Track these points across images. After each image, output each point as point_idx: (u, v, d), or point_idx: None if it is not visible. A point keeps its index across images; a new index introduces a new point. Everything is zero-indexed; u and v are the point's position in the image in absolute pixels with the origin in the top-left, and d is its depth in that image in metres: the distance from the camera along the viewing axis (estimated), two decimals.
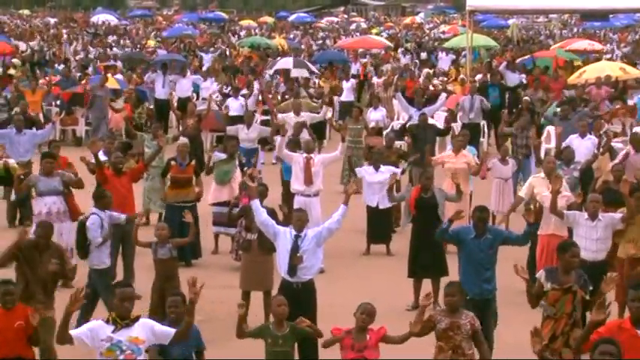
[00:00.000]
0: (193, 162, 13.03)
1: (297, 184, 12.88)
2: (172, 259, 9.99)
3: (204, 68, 27.64)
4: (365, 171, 13.68)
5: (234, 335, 7.79)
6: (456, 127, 19.61)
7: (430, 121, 17.22)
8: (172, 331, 6.72)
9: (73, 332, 6.63)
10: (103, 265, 10.24)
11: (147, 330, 6.62)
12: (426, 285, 11.05)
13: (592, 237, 9.76)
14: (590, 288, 8.28)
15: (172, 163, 12.99)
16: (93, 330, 6.58)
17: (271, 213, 9.70)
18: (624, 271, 10.38)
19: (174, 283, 9.70)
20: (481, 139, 19.95)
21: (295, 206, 11.75)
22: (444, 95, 20.03)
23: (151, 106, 21.72)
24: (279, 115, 17.70)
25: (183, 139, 13.31)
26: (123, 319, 6.55)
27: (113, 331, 6.51)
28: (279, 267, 9.14)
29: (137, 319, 6.61)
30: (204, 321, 7.78)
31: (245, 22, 57.36)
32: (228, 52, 36.39)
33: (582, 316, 8.19)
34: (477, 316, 7.80)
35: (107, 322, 6.60)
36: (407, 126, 17.09)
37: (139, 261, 11.66)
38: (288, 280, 9.00)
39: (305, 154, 12.97)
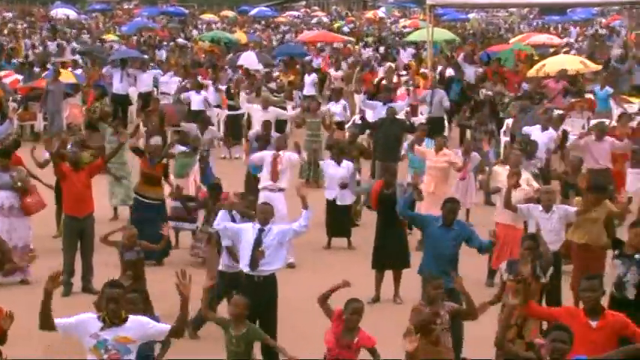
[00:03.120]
0: (164, 162, 12.97)
1: (264, 179, 12.94)
2: (139, 260, 9.94)
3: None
4: (327, 165, 13.71)
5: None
6: (418, 121, 19.72)
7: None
8: (167, 327, 6.61)
9: (58, 321, 6.49)
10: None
11: (139, 328, 6.51)
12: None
13: (546, 228, 9.87)
14: (549, 276, 8.42)
15: (145, 155, 12.86)
16: (81, 323, 6.47)
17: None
18: (575, 262, 10.55)
19: (141, 283, 9.66)
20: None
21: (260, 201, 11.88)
22: (407, 101, 20.11)
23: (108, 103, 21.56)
24: (246, 106, 17.74)
25: (155, 139, 13.22)
26: (111, 319, 6.46)
27: (101, 329, 6.42)
28: (240, 260, 9.14)
29: (126, 319, 6.49)
30: (167, 316, 7.76)
31: (206, 16, 57.08)
32: (189, 47, 36.23)
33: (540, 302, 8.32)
34: None
35: (99, 318, 6.49)
36: (372, 121, 17.05)
37: (100, 258, 11.60)
38: (249, 274, 9.01)
39: (274, 151, 13.00)
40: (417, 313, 7.48)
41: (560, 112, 18.09)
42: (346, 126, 19.15)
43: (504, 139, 19.21)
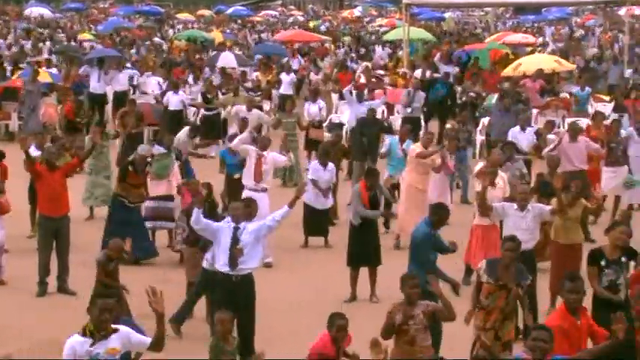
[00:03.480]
0: (148, 169, 12.89)
1: (247, 179, 12.91)
2: (116, 268, 9.81)
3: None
4: (313, 168, 13.66)
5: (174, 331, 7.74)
6: (395, 120, 19.78)
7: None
8: (148, 340, 6.62)
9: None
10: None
11: (123, 339, 6.53)
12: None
13: (521, 227, 9.90)
14: (528, 281, 8.45)
15: (130, 169, 12.69)
16: (73, 350, 6.46)
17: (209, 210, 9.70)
18: (553, 260, 10.61)
19: (116, 286, 9.61)
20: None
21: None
22: (382, 99, 20.12)
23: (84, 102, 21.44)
24: (234, 108, 17.65)
25: (145, 148, 13.11)
26: (99, 331, 6.44)
27: (92, 345, 6.42)
28: (217, 260, 9.11)
29: (115, 330, 6.50)
30: (145, 316, 7.74)
31: (182, 16, 56.90)
32: (165, 47, 36.10)
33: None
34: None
35: (84, 334, 6.48)
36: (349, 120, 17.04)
37: (76, 258, 11.55)
38: (226, 273, 9.00)
39: (258, 151, 12.97)
40: (388, 317, 7.48)
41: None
42: (323, 125, 19.17)
43: (480, 138, 19.31)
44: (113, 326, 6.52)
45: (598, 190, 10.55)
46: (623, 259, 8.39)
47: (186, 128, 15.27)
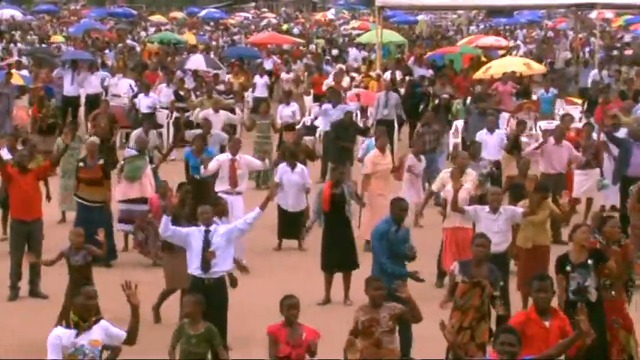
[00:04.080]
0: (101, 162, 12.81)
1: (221, 185, 12.87)
2: (87, 264, 9.83)
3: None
4: (282, 169, 13.65)
5: (149, 333, 7.73)
6: (368, 122, 19.79)
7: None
8: (123, 334, 6.68)
9: None
10: None
11: (103, 332, 6.62)
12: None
13: (493, 230, 9.96)
14: (501, 284, 8.50)
15: (80, 164, 12.73)
16: (56, 342, 6.50)
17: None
18: (521, 262, 10.68)
19: (88, 281, 9.56)
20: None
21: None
22: (357, 105, 20.15)
23: (58, 104, 21.30)
24: (201, 113, 17.61)
25: (93, 139, 13.11)
26: (85, 320, 6.46)
27: (76, 336, 6.46)
28: (189, 264, 9.11)
29: (97, 320, 6.57)
30: (117, 319, 7.71)
31: (155, 18, 56.69)
32: (138, 49, 35.95)
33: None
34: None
35: (68, 326, 6.51)
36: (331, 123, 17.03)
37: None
38: (198, 277, 9.00)
39: (230, 156, 12.92)
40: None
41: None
42: (297, 127, 19.17)
43: (453, 140, 19.38)
44: (97, 318, 6.60)
45: (565, 195, 10.61)
46: (590, 261, 8.43)
47: (140, 128, 15.23)
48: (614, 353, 8.50)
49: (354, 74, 26.99)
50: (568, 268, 8.38)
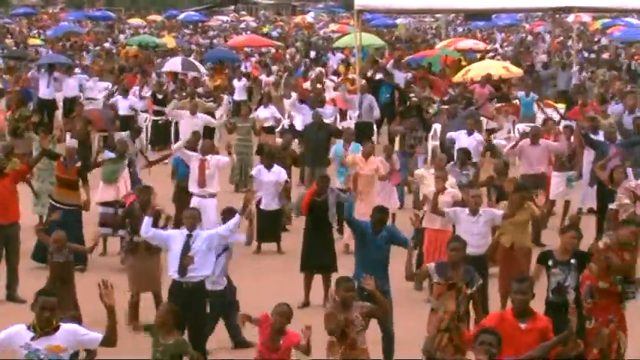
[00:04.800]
0: (79, 164, 12.75)
1: (192, 186, 12.86)
2: (68, 262, 9.79)
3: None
4: (258, 170, 13.67)
5: (124, 337, 7.68)
6: (347, 125, 19.80)
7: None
8: (99, 336, 6.55)
9: None
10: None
11: (70, 336, 6.43)
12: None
13: (473, 232, 10.00)
14: (479, 283, 8.53)
15: (60, 160, 12.69)
16: (9, 337, 6.38)
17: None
18: (502, 264, 10.71)
19: (69, 287, 9.51)
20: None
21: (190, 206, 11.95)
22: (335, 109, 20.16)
23: (33, 107, 21.20)
24: (175, 112, 17.58)
25: (72, 141, 13.07)
26: (42, 328, 6.36)
27: (32, 339, 6.34)
28: (169, 267, 9.09)
29: (58, 327, 6.41)
30: (95, 322, 7.67)
31: (133, 21, 56.52)
32: (115, 51, 35.83)
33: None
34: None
35: (29, 327, 6.40)
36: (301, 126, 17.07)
37: (26, 265, 11.40)
38: (177, 281, 8.98)
39: (200, 156, 12.90)
40: (329, 320, 7.50)
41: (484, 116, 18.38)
42: (276, 130, 19.15)
43: (432, 143, 19.43)
44: (57, 324, 6.42)
45: (542, 196, 10.66)
46: (572, 261, 8.48)
47: (127, 131, 15.20)
48: (596, 353, 8.53)
49: (333, 77, 27.02)
50: (550, 262, 8.45)
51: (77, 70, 25.71)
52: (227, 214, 9.47)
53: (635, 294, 8.76)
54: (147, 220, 9.07)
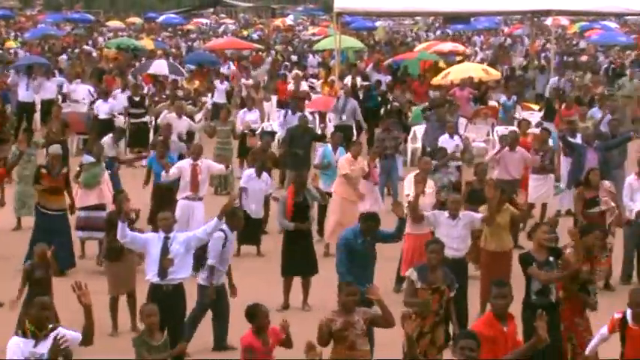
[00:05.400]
0: (65, 170, 12.67)
1: (183, 190, 12.82)
2: (47, 278, 9.63)
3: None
4: (248, 176, 13.56)
5: (101, 342, 7.67)
6: (327, 128, 19.82)
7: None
8: (79, 336, 6.64)
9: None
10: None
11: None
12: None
13: (452, 235, 10.02)
14: (456, 286, 8.56)
15: (43, 171, 12.54)
16: (13, 354, 6.43)
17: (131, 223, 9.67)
18: (483, 268, 10.74)
19: (46, 293, 9.45)
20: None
21: (178, 210, 12.26)
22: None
23: (11, 110, 21.08)
24: (163, 115, 17.48)
25: (55, 147, 12.96)
26: (41, 330, 6.40)
27: (35, 346, 6.38)
28: (147, 271, 9.07)
29: (54, 329, 6.48)
30: (72, 327, 7.64)
31: (112, 23, 56.31)
32: (95, 54, 35.68)
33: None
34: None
35: (25, 335, 6.42)
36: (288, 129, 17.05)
37: (3, 268, 11.34)
38: (157, 284, 8.96)
39: (191, 161, 12.87)
40: (322, 326, 7.51)
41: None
42: (256, 133, 19.13)
43: (412, 146, 19.48)
44: (54, 326, 6.52)
45: (523, 197, 10.70)
46: (551, 259, 8.52)
47: (110, 134, 15.12)
48: (573, 355, 8.59)
49: (312, 80, 27.03)
50: (534, 265, 8.45)
51: (56, 72, 25.58)
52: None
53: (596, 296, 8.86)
54: (121, 226, 9.02)
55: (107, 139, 14.86)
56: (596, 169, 12.42)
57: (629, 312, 7.49)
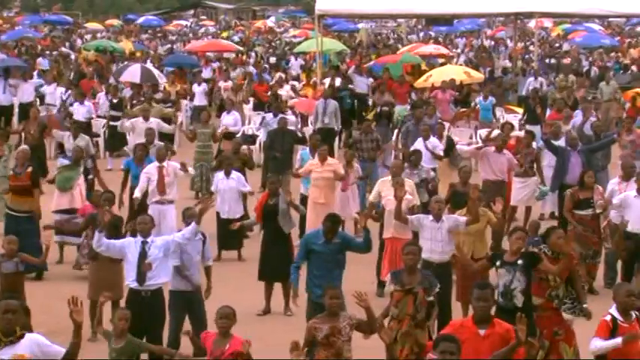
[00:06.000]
0: (30, 169, 12.48)
1: (151, 194, 12.81)
2: (18, 273, 9.60)
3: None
4: (217, 178, 13.58)
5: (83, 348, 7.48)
6: (308, 131, 19.68)
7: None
8: (62, 351, 6.37)
9: None
10: None
11: (33, 346, 6.24)
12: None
13: (437, 239, 9.92)
14: (438, 288, 8.41)
15: (11, 172, 12.53)
16: None
17: (113, 227, 9.54)
18: (459, 272, 10.60)
19: (19, 298, 9.22)
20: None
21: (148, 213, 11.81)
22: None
23: None
24: (127, 122, 17.28)
25: (23, 146, 12.85)
26: (7, 335, 6.14)
27: None
28: (126, 276, 8.97)
29: (22, 336, 6.21)
30: (51, 332, 7.49)
31: (91, 25, 55.97)
32: (73, 57, 35.41)
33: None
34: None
35: None
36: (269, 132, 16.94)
37: None
38: (136, 289, 8.86)
39: (157, 164, 12.78)
40: (308, 332, 7.42)
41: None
42: (236, 136, 18.95)
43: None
44: (22, 332, 6.23)
45: (499, 203, 10.59)
46: (519, 262, 8.42)
47: (87, 137, 15.03)
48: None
49: (294, 82, 26.88)
50: (497, 263, 8.54)
51: (34, 74, 25.35)
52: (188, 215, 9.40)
53: (584, 311, 8.75)
54: (97, 235, 8.94)
55: (82, 142, 14.66)
56: (589, 171, 12.36)
57: (614, 310, 7.31)
